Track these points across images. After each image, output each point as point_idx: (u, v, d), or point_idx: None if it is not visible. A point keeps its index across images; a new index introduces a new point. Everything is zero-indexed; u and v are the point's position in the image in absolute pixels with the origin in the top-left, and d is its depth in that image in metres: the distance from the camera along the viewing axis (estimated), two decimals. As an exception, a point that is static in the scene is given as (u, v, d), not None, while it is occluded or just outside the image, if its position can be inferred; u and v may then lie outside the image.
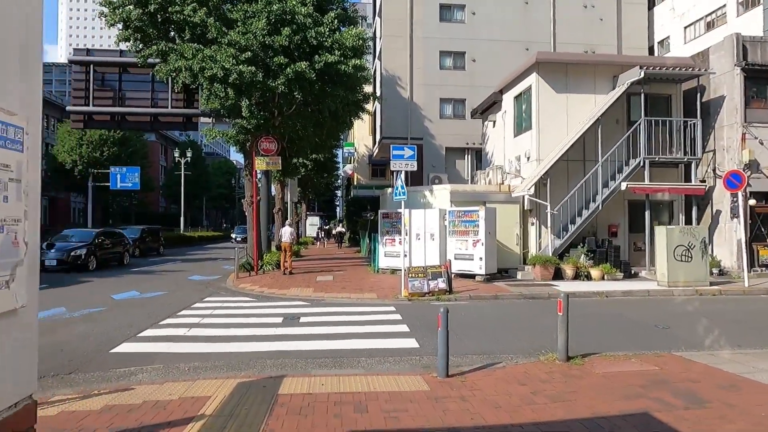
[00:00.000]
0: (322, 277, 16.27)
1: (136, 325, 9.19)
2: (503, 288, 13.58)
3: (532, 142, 16.74)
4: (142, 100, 19.74)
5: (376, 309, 11.00)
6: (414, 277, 12.53)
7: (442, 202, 16.82)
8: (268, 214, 19.05)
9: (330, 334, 8.47)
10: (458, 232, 15.43)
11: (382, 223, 17.24)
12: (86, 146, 42.26)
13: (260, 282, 15.39)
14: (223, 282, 15.98)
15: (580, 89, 16.69)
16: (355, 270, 18.44)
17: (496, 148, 19.90)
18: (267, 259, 17.90)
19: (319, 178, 35.71)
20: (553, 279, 15.01)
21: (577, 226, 15.66)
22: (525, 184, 15.89)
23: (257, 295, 13.09)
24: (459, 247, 15.35)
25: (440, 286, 12.56)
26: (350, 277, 16.33)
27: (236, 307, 11.26)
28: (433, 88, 29.36)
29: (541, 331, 8.57)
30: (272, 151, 17.35)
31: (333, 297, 12.54)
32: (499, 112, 19.66)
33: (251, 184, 17.58)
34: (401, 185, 12.72)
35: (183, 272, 19.01)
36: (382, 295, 12.77)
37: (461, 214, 15.39)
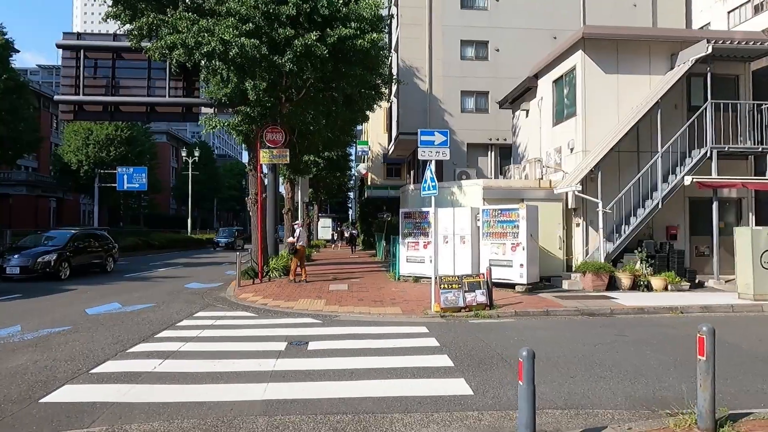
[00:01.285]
0: (336, 286, 14.00)
1: (95, 353, 6.99)
2: (552, 301, 11.20)
3: (577, 130, 14.36)
4: (138, 88, 17.70)
5: (403, 330, 8.70)
6: (447, 289, 10.22)
7: (473, 199, 14.49)
8: (276, 214, 16.87)
9: (347, 371, 6.19)
10: (494, 235, 13.08)
11: (403, 224, 14.95)
12: (93, 146, 40.57)
13: (264, 291, 13.18)
14: (222, 291, 13.80)
15: (633, 69, 14.29)
16: (372, 277, 16.15)
17: (531, 140, 17.53)
18: (273, 264, 15.69)
19: (332, 177, 33.52)
20: (607, 289, 12.60)
21: (632, 228, 13.24)
22: (570, 179, 13.51)
23: (259, 309, 10.86)
24: (495, 251, 13.01)
25: (479, 300, 10.23)
26: (367, 286, 14.05)
27: (231, 326, 9.03)
28: (453, 80, 27.05)
29: (632, 369, 6.22)
30: (279, 143, 15.16)
31: (349, 312, 10.26)
32: (534, 100, 17.30)
33: (256, 179, 15.40)
34: (431, 177, 10.42)
35: (181, 279, 16.88)
36: (408, 309, 10.48)
37: (497, 213, 13.05)
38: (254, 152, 15.41)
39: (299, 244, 14.77)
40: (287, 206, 23.61)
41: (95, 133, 40.78)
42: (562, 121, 15.40)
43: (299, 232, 15.03)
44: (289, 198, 23.63)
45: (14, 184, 42.51)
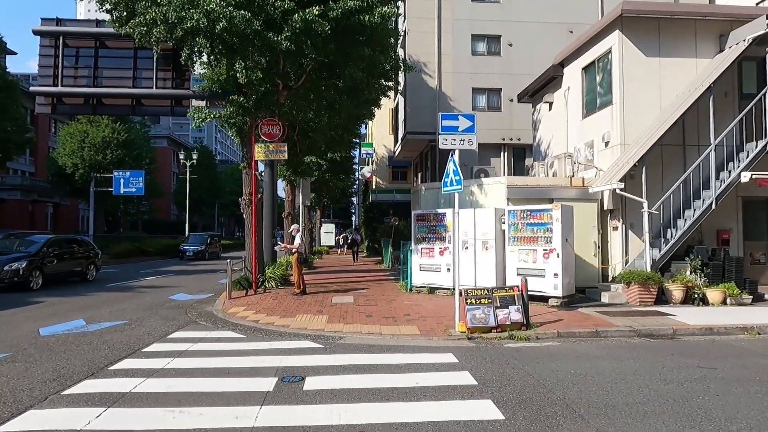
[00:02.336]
0: (339, 299, 12.15)
1: (16, 397, 5.15)
2: (599, 319, 9.33)
3: (614, 121, 12.53)
4: (123, 79, 15.95)
5: (425, 358, 6.84)
6: (475, 304, 8.36)
7: (495, 199, 12.66)
8: (273, 217, 15.06)
9: (356, 428, 4.34)
10: (522, 239, 11.23)
11: (415, 228, 13.11)
12: (88, 149, 38.81)
13: (258, 305, 11.34)
14: (210, 304, 11.97)
15: (677, 52, 12.48)
16: (380, 288, 14.29)
17: (556, 135, 15.71)
18: (270, 273, 13.85)
19: (335, 181, 31.71)
20: (656, 303, 10.73)
21: (682, 231, 11.37)
22: (609, 176, 11.66)
23: (249, 328, 9.01)
24: (523, 259, 11.14)
25: (513, 318, 8.37)
26: (376, 298, 12.20)
27: (210, 353, 7.18)
28: (464, 76, 25.28)
29: (763, 426, 4.36)
30: (276, 137, 13.38)
31: (356, 333, 8.40)
32: (559, 91, 15.50)
33: (250, 177, 13.59)
34: (455, 170, 8.60)
35: (168, 289, 15.05)
36: (427, 329, 8.63)
37: (526, 214, 11.19)
38: (248, 147, 13.61)
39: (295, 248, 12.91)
40: (287, 210, 21.81)
41: (91, 136, 39.08)
42: (593, 112, 13.57)
43: (300, 237, 13.16)
44: (289, 201, 21.84)
45: (8, 188, 40.87)
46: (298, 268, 12.73)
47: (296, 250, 12.80)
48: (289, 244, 13.76)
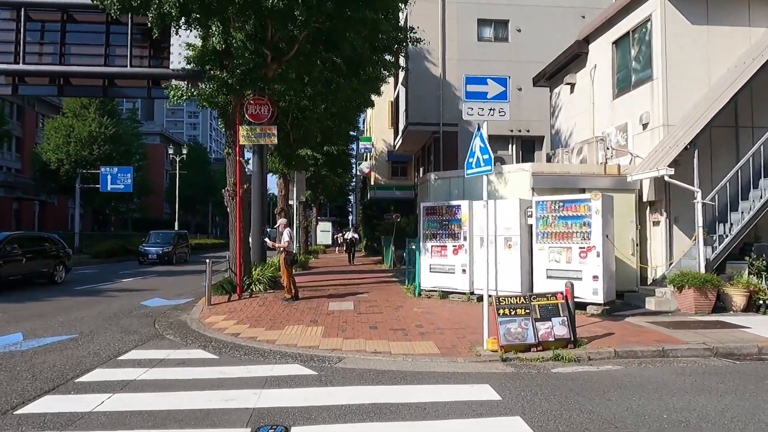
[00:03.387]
0: (337, 305, 10.32)
1: None
2: (657, 332, 7.54)
3: (654, 99, 10.75)
4: (93, 57, 14.11)
5: (455, 394, 5.02)
6: (509, 316, 6.56)
7: (518, 190, 10.86)
8: (262, 211, 13.24)
9: None
10: (553, 236, 9.43)
11: (424, 223, 11.29)
12: (74, 144, 36.81)
13: (241, 313, 9.51)
14: (187, 311, 10.12)
15: (728, 19, 10.73)
16: (383, 291, 12.47)
17: (579, 120, 13.94)
18: (257, 275, 12.01)
19: (331, 176, 29.85)
20: (714, 311, 8.96)
21: (741, 226, 9.60)
22: (653, 161, 9.88)
23: (225, 344, 7.18)
24: (555, 258, 9.35)
25: (557, 333, 6.57)
26: (380, 304, 10.38)
27: (164, 385, 5.34)
28: (469, 63, 23.44)
29: None
30: (264, 118, 11.53)
31: (358, 352, 6.58)
32: (583, 70, 13.72)
33: (234, 165, 11.74)
34: (483, 147, 6.81)
35: (143, 293, 13.18)
36: (448, 345, 6.83)
37: (558, 206, 9.40)
38: (233, 130, 11.76)
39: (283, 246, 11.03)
40: (280, 205, 19.95)
41: (77, 130, 37.10)
42: (627, 90, 11.80)
43: (289, 234, 11.28)
44: (282, 196, 19.99)
45: (-10, 185, 38.86)
46: (287, 269, 10.88)
47: (284, 249, 10.94)
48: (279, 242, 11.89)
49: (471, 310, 9.47)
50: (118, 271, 19.56)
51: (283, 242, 10.96)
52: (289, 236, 11.09)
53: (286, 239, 10.90)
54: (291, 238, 11.11)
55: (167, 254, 23.71)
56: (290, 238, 11.13)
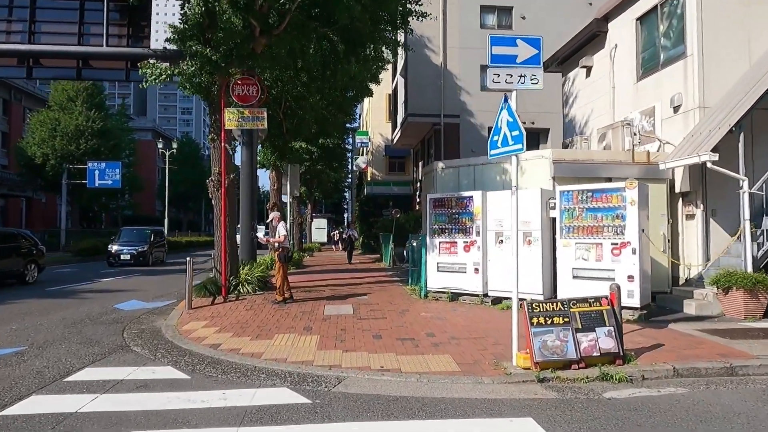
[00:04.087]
0: (335, 308, 9.09)
1: None
2: (713, 343, 6.36)
3: (688, 79, 9.58)
4: (66, 36, 12.79)
5: (484, 427, 3.83)
6: (544, 325, 5.37)
7: (536, 179, 9.65)
8: (252, 204, 12.01)
9: None
10: (581, 230, 8.25)
11: (431, 217, 10.07)
12: (60, 138, 35.32)
13: (225, 318, 8.28)
14: (164, 316, 8.88)
15: (770, -11, 9.57)
16: (385, 292, 11.26)
17: (596, 106, 12.76)
18: (245, 274, 10.76)
19: (327, 171, 28.58)
20: (766, 315, 7.81)
21: (791, 219, 8.45)
22: (691, 146, 8.70)
23: (201, 359, 5.95)
24: (582, 256, 8.16)
25: (603, 346, 5.37)
26: (382, 307, 9.17)
27: (112, 421, 4.08)
28: (471, 52, 22.25)
29: None
30: (253, 100, 10.29)
31: (362, 369, 5.37)
32: (601, 52, 12.54)
33: (219, 152, 10.48)
34: (512, 121, 5.62)
35: (120, 294, 11.91)
36: (467, 360, 5.64)
37: (586, 196, 8.21)
38: (217, 113, 10.49)
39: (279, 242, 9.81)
40: (272, 200, 18.70)
41: (63, 124, 35.62)
42: (654, 71, 10.63)
43: (284, 228, 10.04)
44: (274, 190, 18.72)
45: (-28, 181, 37.29)
46: (282, 269, 9.62)
47: (280, 245, 9.71)
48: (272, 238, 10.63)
49: (487, 315, 8.28)
50: (99, 270, 18.24)
51: (278, 236, 9.71)
52: (286, 230, 9.84)
53: (282, 233, 9.64)
54: (287, 232, 9.85)
55: (143, 254, 20.22)
56: (286, 232, 9.89)
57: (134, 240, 21.05)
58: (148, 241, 21.11)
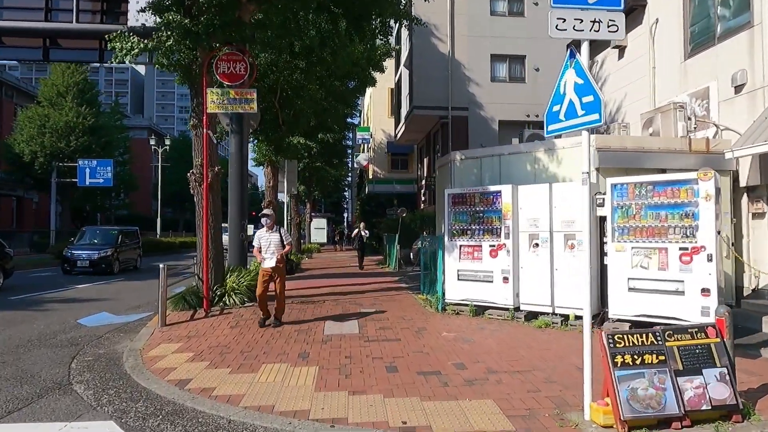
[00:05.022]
0: (337, 326, 7.51)
1: None
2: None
3: (755, 52, 8.02)
4: (31, 11, 11.21)
5: None
6: (632, 367, 3.80)
7: (575, 170, 8.04)
8: (241, 201, 10.43)
9: None
10: (638, 231, 6.68)
11: (449, 216, 8.49)
12: (49, 134, 33.70)
13: (204, 339, 6.71)
14: (131, 335, 7.33)
15: None
16: (394, 303, 9.68)
17: (631, 90, 11.21)
18: (233, 283, 9.17)
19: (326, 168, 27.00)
20: None
21: None
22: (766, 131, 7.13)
23: (160, 406, 4.39)
24: (641, 263, 6.60)
25: (714, 396, 3.81)
26: (393, 323, 7.60)
27: None
28: (481, 40, 20.76)
29: None
30: (240, 78, 8.73)
31: (377, 426, 3.81)
32: (638, 28, 10.97)
33: (201, 141, 8.91)
34: (583, 85, 4.03)
35: (89, 304, 10.36)
36: (520, 412, 4.06)
37: (646, 190, 6.64)
38: (199, 97, 8.92)
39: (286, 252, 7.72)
40: (268, 197, 17.12)
41: (52, 120, 34.00)
42: (708, 45, 9.07)
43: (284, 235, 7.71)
44: (270, 187, 17.15)
45: (-40, 180, 35.67)
46: (283, 281, 7.54)
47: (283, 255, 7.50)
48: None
49: (525, 336, 6.71)
50: (79, 275, 16.58)
51: (285, 243, 7.56)
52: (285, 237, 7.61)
53: (287, 239, 7.70)
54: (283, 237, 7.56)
55: (104, 260, 16.55)
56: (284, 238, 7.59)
57: (97, 242, 17.54)
58: (114, 244, 17.52)
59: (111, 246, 17.31)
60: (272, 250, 7.32)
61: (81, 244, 17.43)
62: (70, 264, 16.59)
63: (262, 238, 7.42)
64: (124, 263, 17.93)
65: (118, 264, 17.24)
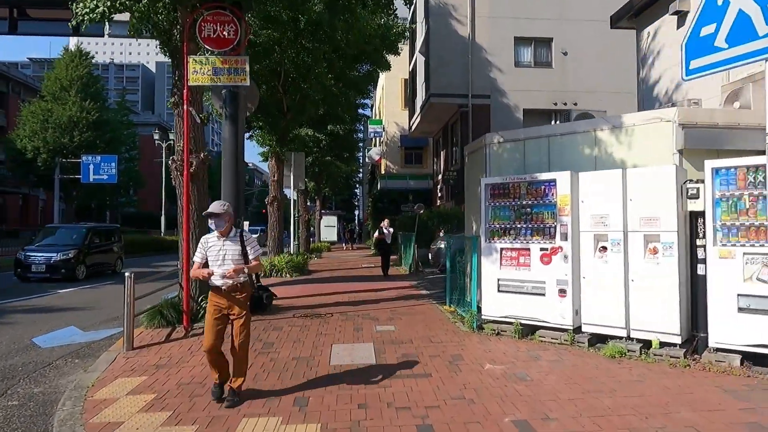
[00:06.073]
0: (347, 351, 5.82)
1: None
2: None
3: None
4: (-3, -23, 9.63)
5: None
6: None
7: (650, 152, 6.30)
8: (236, 195, 8.82)
9: None
10: (753, 232, 4.92)
11: (487, 211, 6.76)
12: (52, 129, 32.50)
13: (173, 372, 5.07)
14: (87, 363, 5.73)
15: None
16: (416, 317, 7.98)
17: (695, 62, 9.43)
18: (222, 292, 7.54)
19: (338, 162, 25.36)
20: None
21: None
22: None
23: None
24: (758, 274, 4.83)
25: None
26: (418, 347, 5.90)
27: None
28: (504, 22, 18.98)
29: None
30: (229, 44, 7.09)
31: None
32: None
33: (182, 120, 7.28)
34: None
35: (61, 315, 8.82)
36: None
37: (765, 177, 4.88)
38: (181, 68, 7.30)
39: (218, 277, 4.26)
40: (272, 194, 15.54)
41: (56, 115, 32.81)
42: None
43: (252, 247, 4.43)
44: (275, 182, 15.53)
45: (-37, 177, 34.64)
46: (243, 322, 4.31)
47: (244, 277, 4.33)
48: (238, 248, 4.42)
49: (595, 371, 4.97)
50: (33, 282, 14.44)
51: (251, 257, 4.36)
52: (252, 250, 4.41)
53: (258, 250, 4.51)
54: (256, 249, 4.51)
55: (66, 264, 13.69)
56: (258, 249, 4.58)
57: (60, 244, 14.35)
58: (79, 245, 14.42)
59: (75, 247, 14.24)
60: (226, 267, 4.21)
61: (39, 245, 14.49)
62: (24, 268, 13.71)
63: (209, 247, 4.31)
64: (96, 267, 14.95)
65: (84, 268, 14.25)
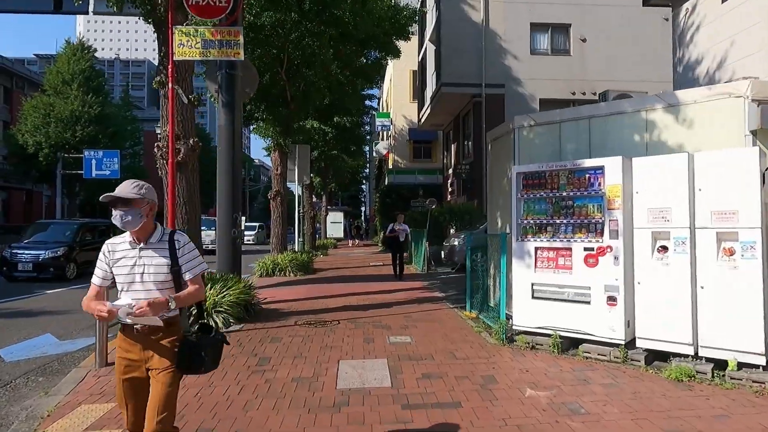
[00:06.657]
0: (356, 370, 4.89)
1: None
2: None
3: None
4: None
5: None
6: None
7: (716, 134, 5.30)
8: (233, 190, 7.94)
9: None
10: None
11: (519, 204, 5.80)
12: (54, 124, 31.81)
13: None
14: (54, 380, 4.85)
15: None
16: (433, 324, 7.03)
17: (741, 38, 8.32)
18: (213, 297, 6.63)
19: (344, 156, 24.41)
20: None
21: None
22: None
23: None
24: None
25: None
26: (441, 365, 4.96)
27: None
28: (519, 7, 17.95)
29: None
30: (219, 12, 6.15)
31: None
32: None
33: (166, 101, 6.37)
34: None
35: (41, 319, 8.00)
36: None
37: None
38: (166, 45, 6.38)
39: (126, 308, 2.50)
40: (275, 188, 14.63)
41: (57, 110, 32.12)
42: None
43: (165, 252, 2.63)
44: (278, 175, 14.61)
45: (-35, 172, 34.06)
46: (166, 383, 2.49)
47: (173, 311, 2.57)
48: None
49: (664, 401, 4.00)
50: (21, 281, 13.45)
51: (187, 277, 2.62)
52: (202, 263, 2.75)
53: (200, 266, 2.70)
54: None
55: (54, 262, 12.72)
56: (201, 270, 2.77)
57: (47, 240, 13.35)
58: (70, 242, 13.33)
59: (65, 244, 13.11)
60: (146, 289, 2.56)
61: (27, 242, 13.40)
62: (10, 267, 12.71)
63: (116, 260, 2.61)
64: (88, 266, 12.67)
65: (74, 267, 13.09)
